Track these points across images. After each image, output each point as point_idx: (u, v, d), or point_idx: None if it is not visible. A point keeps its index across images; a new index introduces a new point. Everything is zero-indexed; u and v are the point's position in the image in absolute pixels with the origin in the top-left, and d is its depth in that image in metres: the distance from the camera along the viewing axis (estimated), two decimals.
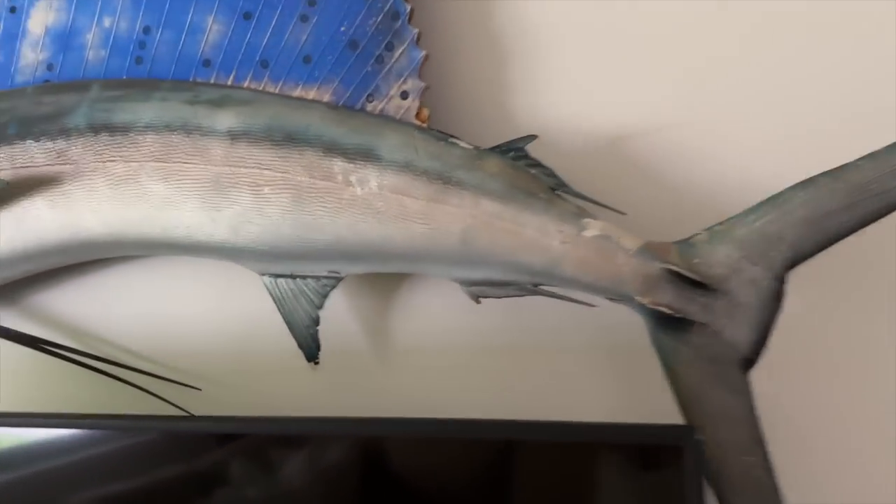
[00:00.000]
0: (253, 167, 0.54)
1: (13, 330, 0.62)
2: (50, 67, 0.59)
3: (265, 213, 0.54)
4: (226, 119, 0.54)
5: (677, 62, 0.54)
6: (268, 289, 0.56)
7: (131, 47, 0.58)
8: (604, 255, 0.49)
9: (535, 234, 0.50)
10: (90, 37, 0.59)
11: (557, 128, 0.52)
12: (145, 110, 0.56)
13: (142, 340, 0.63)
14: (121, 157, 0.56)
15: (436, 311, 0.58)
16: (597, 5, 0.55)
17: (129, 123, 0.55)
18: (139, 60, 0.58)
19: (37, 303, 0.66)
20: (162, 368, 0.62)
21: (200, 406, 0.59)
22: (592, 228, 0.49)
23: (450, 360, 0.57)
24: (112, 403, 0.61)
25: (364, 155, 0.52)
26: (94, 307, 0.64)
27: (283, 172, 0.53)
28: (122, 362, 0.61)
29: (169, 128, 0.55)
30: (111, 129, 0.56)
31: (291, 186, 0.53)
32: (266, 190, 0.53)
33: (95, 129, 0.56)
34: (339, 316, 0.58)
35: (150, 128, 0.55)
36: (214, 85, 0.56)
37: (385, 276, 0.57)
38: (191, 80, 0.57)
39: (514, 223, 0.50)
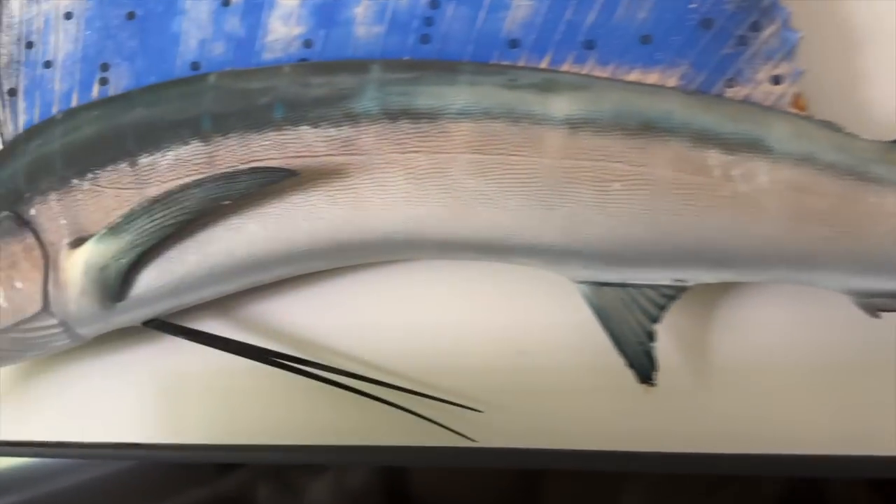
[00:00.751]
0: (599, 160, 0.46)
1: (237, 341, 0.52)
2: (308, 44, 0.50)
3: (610, 212, 0.46)
4: (561, 105, 0.46)
5: None
6: (586, 298, 0.48)
7: (415, 24, 0.50)
8: None
9: None
10: (360, 10, 0.50)
11: None
12: (454, 95, 0.47)
13: (391, 355, 0.54)
14: (426, 147, 0.47)
15: (766, 324, 0.50)
16: None
17: (437, 110, 0.47)
18: (426, 39, 0.50)
19: (254, 312, 0.56)
20: (420, 387, 0.52)
21: (481, 433, 0.50)
22: None
23: (787, 381, 0.50)
24: (362, 427, 0.52)
25: (748, 146, 0.45)
26: (325, 317, 0.55)
27: (639, 166, 0.46)
28: (377, 379, 0.51)
29: (489, 115, 0.47)
30: (413, 115, 0.47)
31: (650, 182, 0.45)
32: (616, 186, 0.46)
33: (392, 115, 0.47)
34: None
35: (464, 115, 0.47)
36: (530, 68, 0.48)
37: (706, 285, 0.50)
38: (493, 62, 0.49)
39: None
